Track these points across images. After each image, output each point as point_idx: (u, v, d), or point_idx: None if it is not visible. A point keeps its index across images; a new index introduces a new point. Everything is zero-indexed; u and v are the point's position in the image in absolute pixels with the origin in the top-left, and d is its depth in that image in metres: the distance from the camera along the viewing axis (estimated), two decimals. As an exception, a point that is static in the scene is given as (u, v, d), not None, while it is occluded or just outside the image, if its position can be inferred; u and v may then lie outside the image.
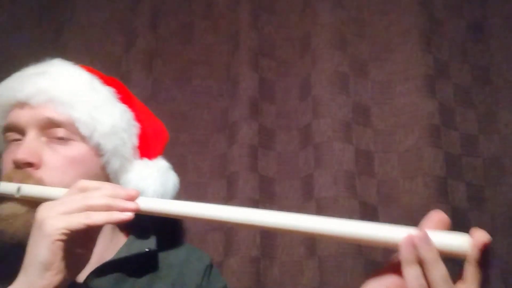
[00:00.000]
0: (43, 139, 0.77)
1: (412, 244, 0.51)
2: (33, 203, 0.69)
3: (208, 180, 1.18)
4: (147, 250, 0.81)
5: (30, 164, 0.74)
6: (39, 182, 0.73)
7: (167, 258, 0.86)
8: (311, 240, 1.07)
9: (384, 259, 1.07)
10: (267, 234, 1.09)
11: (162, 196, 0.84)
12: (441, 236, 0.51)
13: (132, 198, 0.62)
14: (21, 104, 0.78)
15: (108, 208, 0.60)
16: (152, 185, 0.83)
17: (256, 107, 1.19)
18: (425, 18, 1.23)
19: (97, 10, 1.35)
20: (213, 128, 1.23)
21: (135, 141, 0.86)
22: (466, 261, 0.50)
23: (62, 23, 1.35)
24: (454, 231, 0.51)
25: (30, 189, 0.71)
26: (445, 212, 1.10)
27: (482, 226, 1.13)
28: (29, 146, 0.75)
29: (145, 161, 0.87)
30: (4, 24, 1.33)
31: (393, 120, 1.17)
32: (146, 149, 0.89)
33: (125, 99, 0.88)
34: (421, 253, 0.50)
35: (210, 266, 0.90)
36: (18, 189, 0.71)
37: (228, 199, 1.12)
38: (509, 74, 1.20)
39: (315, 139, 1.14)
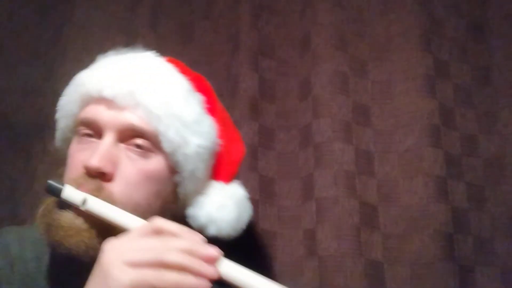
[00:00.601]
0: (122, 145, 0.69)
1: None
2: (96, 220, 0.63)
3: (208, 180, 1.18)
4: None
5: (103, 174, 0.66)
6: (109, 196, 0.65)
7: None
8: (311, 240, 1.07)
9: (384, 260, 1.07)
10: (267, 234, 1.09)
11: (234, 230, 0.76)
12: None
13: (212, 261, 0.53)
14: (106, 101, 0.70)
15: (183, 270, 0.51)
16: (227, 217, 0.76)
17: (256, 107, 1.19)
18: (425, 18, 1.22)
19: (97, 10, 1.35)
20: (213, 128, 1.23)
21: (213, 161, 0.78)
22: None
23: (62, 23, 1.35)
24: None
25: (97, 206, 0.63)
26: (445, 212, 1.11)
27: (482, 226, 1.14)
28: (107, 153, 0.67)
29: (221, 185, 0.79)
30: (4, 24, 1.33)
31: (393, 120, 1.17)
32: (223, 170, 0.81)
33: (212, 108, 0.81)
34: None
35: None
36: (84, 201, 0.63)
37: (228, 199, 1.12)
38: (509, 74, 1.19)
39: (315, 139, 1.14)
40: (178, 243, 0.53)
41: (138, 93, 0.70)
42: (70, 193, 0.64)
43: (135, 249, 0.52)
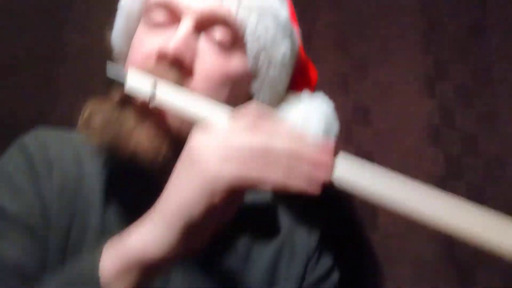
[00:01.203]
0: (201, 36, 0.58)
1: None
2: (165, 122, 0.51)
3: (208, 180, 1.18)
4: (264, 203, 0.63)
5: (180, 64, 0.55)
6: None
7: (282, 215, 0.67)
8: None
9: (384, 259, 1.07)
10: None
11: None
12: None
13: (328, 166, 0.42)
14: None
15: (309, 177, 0.41)
16: (315, 127, 0.64)
17: (256, 107, 1.19)
18: (425, 18, 1.22)
19: (97, 10, 1.35)
20: (213, 128, 1.23)
21: (291, 72, 0.69)
22: None
23: (62, 23, 1.34)
24: None
25: (170, 97, 0.48)
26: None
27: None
28: (185, 39, 0.55)
29: (304, 96, 0.69)
30: (3, 24, 1.33)
31: (393, 120, 1.17)
32: (304, 81, 0.73)
33: (293, 19, 0.72)
34: None
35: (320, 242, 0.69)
36: (153, 94, 0.49)
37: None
38: (509, 74, 1.19)
39: (315, 139, 1.14)
40: (305, 143, 0.42)
41: None
42: (136, 82, 0.49)
43: (237, 137, 0.41)
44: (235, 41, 0.59)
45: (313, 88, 0.76)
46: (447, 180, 1.10)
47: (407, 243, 1.06)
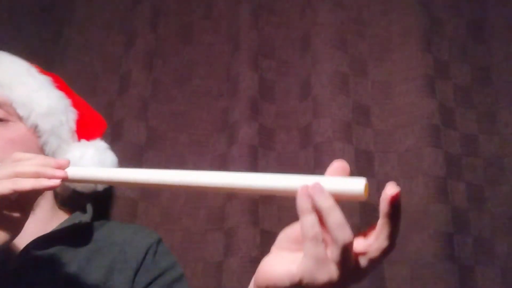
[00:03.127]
0: None
1: (306, 193, 0.50)
2: None
3: (208, 180, 1.18)
4: (78, 221, 0.83)
5: None
6: None
7: (111, 236, 0.88)
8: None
9: (385, 260, 1.06)
10: (267, 234, 1.09)
11: None
12: (335, 181, 0.52)
13: (61, 167, 0.63)
14: None
15: (37, 176, 0.61)
16: (90, 163, 0.86)
17: (256, 107, 1.19)
18: (425, 18, 1.22)
19: (97, 10, 1.35)
20: (213, 128, 1.23)
21: (72, 125, 0.89)
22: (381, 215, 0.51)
23: (62, 23, 1.35)
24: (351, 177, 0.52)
25: None
26: (445, 212, 1.11)
27: (482, 226, 1.14)
28: None
29: (83, 142, 0.90)
30: (4, 24, 1.33)
31: (393, 120, 1.17)
32: (84, 133, 0.92)
33: (61, 88, 0.91)
34: (316, 202, 0.50)
35: (157, 243, 0.90)
36: None
37: (229, 199, 1.12)
38: (509, 74, 1.20)
39: (315, 139, 1.14)
40: (32, 160, 0.63)
41: None
42: None
43: None
44: (10, 114, 0.80)
45: (99, 134, 0.95)
46: (447, 180, 1.10)
47: (407, 243, 1.06)
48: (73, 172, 0.64)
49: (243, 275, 1.02)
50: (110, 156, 0.92)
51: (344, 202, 0.52)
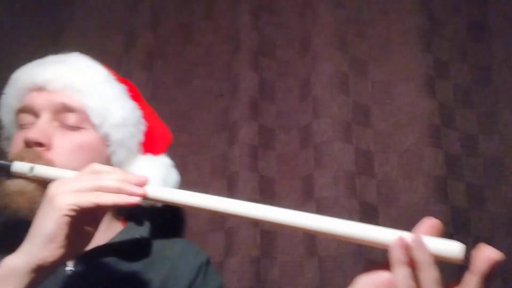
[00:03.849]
0: (56, 123, 0.80)
1: (403, 245, 0.51)
2: (42, 182, 0.71)
3: (208, 180, 1.18)
4: (138, 236, 0.83)
5: (40, 144, 0.76)
6: (49, 163, 0.75)
7: (163, 250, 0.88)
8: (311, 240, 1.07)
9: (384, 259, 1.07)
10: (267, 234, 1.09)
11: None
12: (435, 241, 0.52)
13: (141, 184, 0.63)
14: (38, 88, 0.81)
15: (118, 191, 0.61)
16: (154, 179, 0.84)
17: (256, 107, 1.19)
18: (425, 18, 1.22)
19: (97, 10, 1.35)
20: (213, 128, 1.23)
21: (141, 137, 0.89)
22: (470, 271, 0.50)
23: (62, 23, 1.35)
24: (447, 239, 0.52)
25: (43, 170, 0.72)
26: (445, 212, 1.11)
27: (482, 226, 1.14)
28: (42, 128, 0.78)
29: (149, 156, 0.90)
30: (4, 24, 1.33)
31: (393, 120, 1.17)
32: (151, 146, 0.92)
33: (135, 98, 0.92)
34: (414, 255, 0.51)
35: (207, 263, 0.91)
36: (31, 169, 0.72)
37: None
38: (509, 74, 1.20)
39: (315, 139, 1.14)
40: (113, 174, 0.63)
41: (65, 76, 0.81)
42: (18, 165, 0.73)
43: (76, 181, 0.61)
44: (83, 120, 0.80)
45: (164, 148, 0.96)
46: (447, 180, 1.10)
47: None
48: (152, 190, 0.63)
49: (243, 275, 1.02)
50: (174, 175, 0.93)
51: (343, 202, 0.52)
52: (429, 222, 0.54)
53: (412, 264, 0.51)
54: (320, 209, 1.07)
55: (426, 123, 1.13)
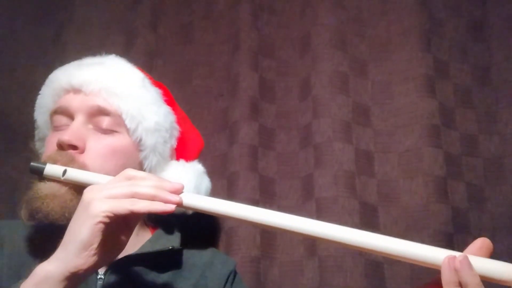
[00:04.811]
0: (90, 126, 0.79)
1: (453, 266, 0.52)
2: (74, 186, 0.71)
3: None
4: (170, 247, 0.82)
5: (74, 147, 0.75)
6: (82, 166, 0.74)
7: (191, 258, 0.87)
8: (311, 240, 1.07)
9: (384, 260, 1.07)
10: (267, 234, 1.09)
11: None
12: (483, 262, 0.53)
13: (176, 192, 0.62)
14: (74, 90, 0.80)
15: (153, 198, 0.60)
16: (186, 186, 0.83)
17: (256, 107, 1.19)
18: (425, 18, 1.22)
19: (97, 10, 1.35)
20: (213, 128, 1.23)
21: (174, 142, 0.89)
22: None
23: (62, 23, 1.35)
24: (498, 260, 0.53)
25: (75, 173, 0.71)
26: (445, 212, 1.11)
27: (482, 226, 1.14)
28: (76, 130, 0.77)
29: (182, 162, 0.89)
30: (4, 24, 1.33)
31: (393, 120, 1.17)
32: (184, 152, 0.91)
33: (169, 102, 0.91)
34: (462, 277, 0.52)
35: (234, 272, 0.90)
36: (64, 172, 0.71)
37: (228, 199, 1.12)
38: (509, 74, 1.19)
39: (315, 139, 1.14)
40: (148, 180, 0.62)
41: (101, 79, 0.81)
42: (50, 168, 0.72)
43: (111, 187, 0.61)
44: (117, 124, 0.80)
45: (196, 154, 0.95)
46: (447, 180, 1.10)
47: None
48: (187, 198, 0.63)
49: (243, 275, 1.02)
50: (206, 182, 0.92)
51: (343, 202, 0.53)
52: (480, 242, 0.56)
53: (461, 285, 0.52)
54: (320, 209, 1.07)
55: (426, 123, 1.13)
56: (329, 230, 0.58)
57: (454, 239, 1.06)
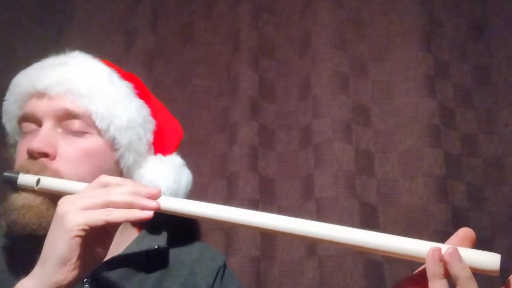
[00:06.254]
0: (59, 130, 0.76)
1: (438, 258, 0.51)
2: (49, 194, 0.69)
3: (209, 180, 1.18)
4: (156, 247, 0.80)
5: (45, 155, 0.73)
6: (55, 173, 0.72)
7: (179, 255, 0.85)
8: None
9: (384, 260, 1.07)
10: (267, 234, 1.09)
11: (175, 192, 0.83)
12: (468, 253, 0.52)
13: (153, 197, 0.61)
14: (39, 94, 0.77)
15: (129, 206, 0.59)
16: (165, 181, 0.82)
17: (256, 107, 1.19)
18: (425, 18, 1.22)
19: (97, 10, 1.35)
20: (213, 128, 1.23)
21: (150, 137, 0.85)
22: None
23: (62, 23, 1.35)
24: (482, 250, 0.52)
25: (49, 182, 0.69)
26: (445, 212, 1.11)
27: (482, 226, 1.14)
28: (45, 136, 0.74)
29: (159, 157, 0.86)
30: (4, 24, 1.33)
31: (393, 120, 1.17)
32: (161, 146, 0.88)
33: (142, 94, 0.87)
34: (452, 270, 0.50)
35: (224, 267, 0.88)
36: (38, 181, 0.69)
37: (228, 199, 1.12)
38: (509, 74, 1.19)
39: (315, 139, 1.14)
40: (123, 187, 0.61)
41: (66, 80, 0.78)
42: (24, 178, 0.70)
43: (85, 198, 0.59)
44: (88, 125, 0.77)
45: (175, 146, 0.92)
46: (447, 180, 1.10)
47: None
48: (165, 203, 0.61)
49: (243, 275, 1.02)
50: (186, 174, 0.89)
51: (343, 202, 0.52)
52: (463, 233, 0.55)
53: (447, 274, 0.51)
54: (320, 209, 1.07)
55: (426, 123, 1.13)
56: (302, 225, 0.57)
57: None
